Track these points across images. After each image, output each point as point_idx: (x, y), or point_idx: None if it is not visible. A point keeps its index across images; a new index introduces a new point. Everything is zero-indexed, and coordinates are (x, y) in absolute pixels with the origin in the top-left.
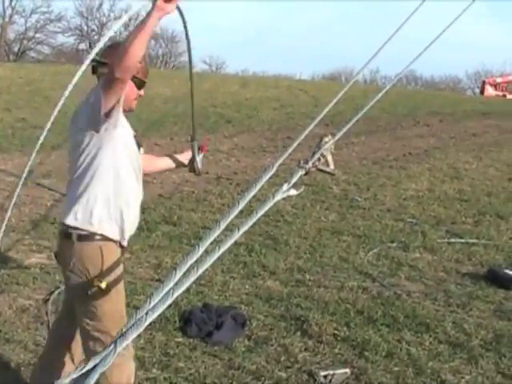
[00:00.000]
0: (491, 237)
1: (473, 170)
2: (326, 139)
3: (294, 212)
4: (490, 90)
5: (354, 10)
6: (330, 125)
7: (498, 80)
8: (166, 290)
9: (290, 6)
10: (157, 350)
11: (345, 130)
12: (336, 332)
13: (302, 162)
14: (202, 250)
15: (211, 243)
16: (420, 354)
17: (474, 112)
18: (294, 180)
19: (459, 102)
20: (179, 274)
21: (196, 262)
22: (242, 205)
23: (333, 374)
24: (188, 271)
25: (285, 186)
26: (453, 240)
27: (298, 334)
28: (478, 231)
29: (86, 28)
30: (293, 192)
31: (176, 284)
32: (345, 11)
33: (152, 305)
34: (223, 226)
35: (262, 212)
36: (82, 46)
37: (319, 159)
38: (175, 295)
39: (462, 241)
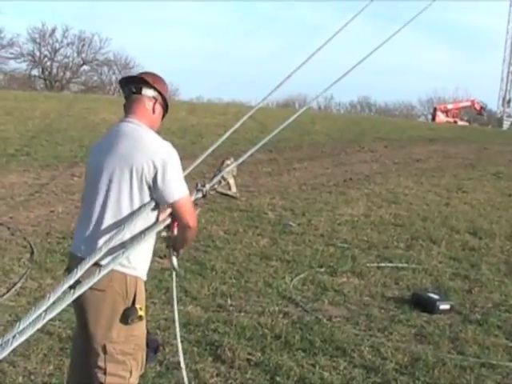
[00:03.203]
0: (421, 261)
1: (412, 194)
2: (228, 162)
3: (225, 237)
4: (441, 117)
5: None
6: (273, 151)
7: (449, 106)
8: (38, 313)
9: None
10: (66, 377)
11: (248, 155)
12: (249, 357)
13: (199, 184)
14: (79, 274)
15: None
16: (333, 379)
17: (420, 138)
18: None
19: (407, 128)
20: (53, 298)
21: (73, 286)
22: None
23: None
24: (63, 294)
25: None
26: (382, 264)
27: (211, 359)
28: (408, 255)
29: (38, 54)
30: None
31: (48, 308)
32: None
33: (21, 328)
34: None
35: (146, 237)
36: (35, 71)
37: (220, 182)
38: (46, 319)
39: (391, 265)
